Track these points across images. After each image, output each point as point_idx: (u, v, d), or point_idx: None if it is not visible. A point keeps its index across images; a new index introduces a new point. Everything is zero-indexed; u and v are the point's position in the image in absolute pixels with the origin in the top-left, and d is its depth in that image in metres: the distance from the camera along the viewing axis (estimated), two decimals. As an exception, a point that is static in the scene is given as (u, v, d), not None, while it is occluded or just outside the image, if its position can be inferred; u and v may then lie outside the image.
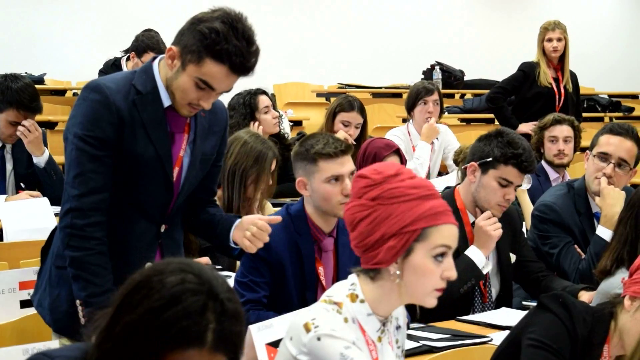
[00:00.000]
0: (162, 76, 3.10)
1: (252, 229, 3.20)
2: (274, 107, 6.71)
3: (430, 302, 2.52)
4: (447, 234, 2.46)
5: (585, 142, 5.65)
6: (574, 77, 7.88)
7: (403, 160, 5.11)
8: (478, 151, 4.16)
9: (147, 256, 3.18)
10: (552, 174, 6.16)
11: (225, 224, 3.32)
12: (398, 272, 2.46)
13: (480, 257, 4.04)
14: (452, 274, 2.47)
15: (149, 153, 3.08)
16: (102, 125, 3.02)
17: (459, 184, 4.38)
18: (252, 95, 6.47)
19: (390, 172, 2.48)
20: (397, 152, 5.07)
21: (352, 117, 6.66)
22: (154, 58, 3.17)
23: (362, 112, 6.73)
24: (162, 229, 3.23)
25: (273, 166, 4.88)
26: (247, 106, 6.43)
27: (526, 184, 4.60)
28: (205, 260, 4.52)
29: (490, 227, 4.04)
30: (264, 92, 6.54)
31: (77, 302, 3.07)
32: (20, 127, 5.56)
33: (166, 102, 3.10)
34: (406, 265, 2.45)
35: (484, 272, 4.08)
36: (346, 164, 3.70)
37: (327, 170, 3.67)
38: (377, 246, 2.45)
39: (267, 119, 6.42)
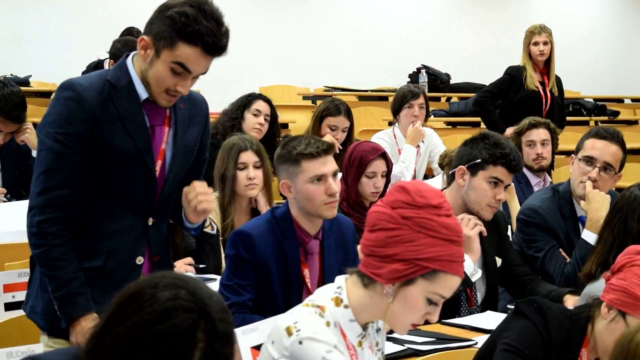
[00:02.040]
0: (137, 70, 3.13)
1: (193, 194, 3.21)
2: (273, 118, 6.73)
3: (402, 332, 2.57)
4: (451, 284, 2.46)
5: (570, 145, 5.66)
6: (558, 81, 7.90)
7: (389, 164, 5.11)
8: (465, 155, 4.17)
9: (137, 250, 3.20)
10: (533, 179, 6.18)
11: (178, 208, 3.35)
12: (391, 293, 2.46)
13: (468, 262, 4.03)
14: (435, 319, 2.51)
15: (127, 146, 3.09)
16: (74, 121, 3.04)
17: (445, 188, 4.39)
18: (253, 96, 6.60)
19: (433, 202, 2.44)
20: (384, 155, 5.07)
21: (339, 121, 6.72)
22: (127, 55, 3.19)
23: (349, 115, 6.77)
24: (150, 222, 3.23)
25: (245, 158, 4.92)
26: (245, 98, 6.58)
27: None
28: (188, 260, 4.53)
29: (466, 227, 4.05)
30: (266, 100, 6.61)
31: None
32: (20, 136, 5.60)
33: (143, 94, 3.12)
34: (400, 293, 2.45)
35: (473, 279, 4.08)
36: (329, 164, 3.71)
37: (310, 170, 3.67)
38: (385, 261, 2.44)
39: (250, 119, 6.49)
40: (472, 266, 4.06)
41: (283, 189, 3.73)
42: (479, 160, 4.09)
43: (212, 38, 2.97)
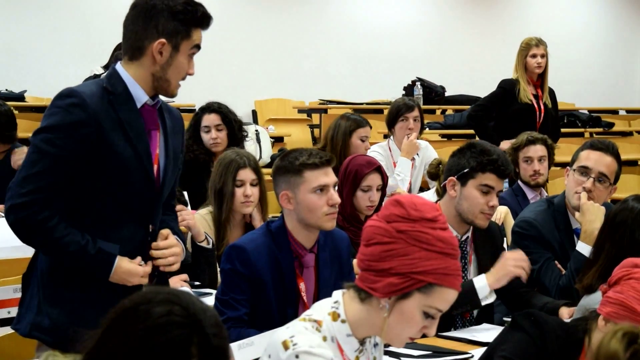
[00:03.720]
0: (135, 75, 3.17)
1: (159, 254, 3.26)
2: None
3: (399, 345, 2.58)
4: (447, 298, 2.46)
5: (565, 157, 5.66)
6: (551, 93, 7.92)
7: (384, 178, 5.11)
8: (454, 165, 4.18)
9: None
10: (530, 194, 6.19)
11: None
12: (387, 307, 2.46)
13: (484, 286, 3.98)
14: (432, 332, 2.52)
15: (128, 152, 3.12)
16: (78, 127, 3.05)
17: (439, 200, 4.39)
18: (200, 113, 6.50)
19: (428, 215, 2.45)
20: (379, 169, 5.08)
21: (368, 131, 6.90)
22: (114, 64, 3.23)
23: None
24: (150, 229, 3.26)
25: (244, 175, 4.93)
26: (194, 117, 6.53)
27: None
28: (183, 277, 4.52)
29: (512, 262, 3.98)
30: (213, 110, 6.44)
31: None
32: (17, 160, 5.60)
33: (143, 98, 3.18)
34: (396, 306, 2.45)
35: (483, 303, 4.02)
36: (330, 175, 3.74)
37: (313, 181, 3.68)
38: (380, 275, 2.44)
39: (204, 137, 6.41)
40: (487, 291, 4.01)
41: (282, 200, 3.73)
42: (468, 169, 4.11)
43: (207, 15, 3.21)
